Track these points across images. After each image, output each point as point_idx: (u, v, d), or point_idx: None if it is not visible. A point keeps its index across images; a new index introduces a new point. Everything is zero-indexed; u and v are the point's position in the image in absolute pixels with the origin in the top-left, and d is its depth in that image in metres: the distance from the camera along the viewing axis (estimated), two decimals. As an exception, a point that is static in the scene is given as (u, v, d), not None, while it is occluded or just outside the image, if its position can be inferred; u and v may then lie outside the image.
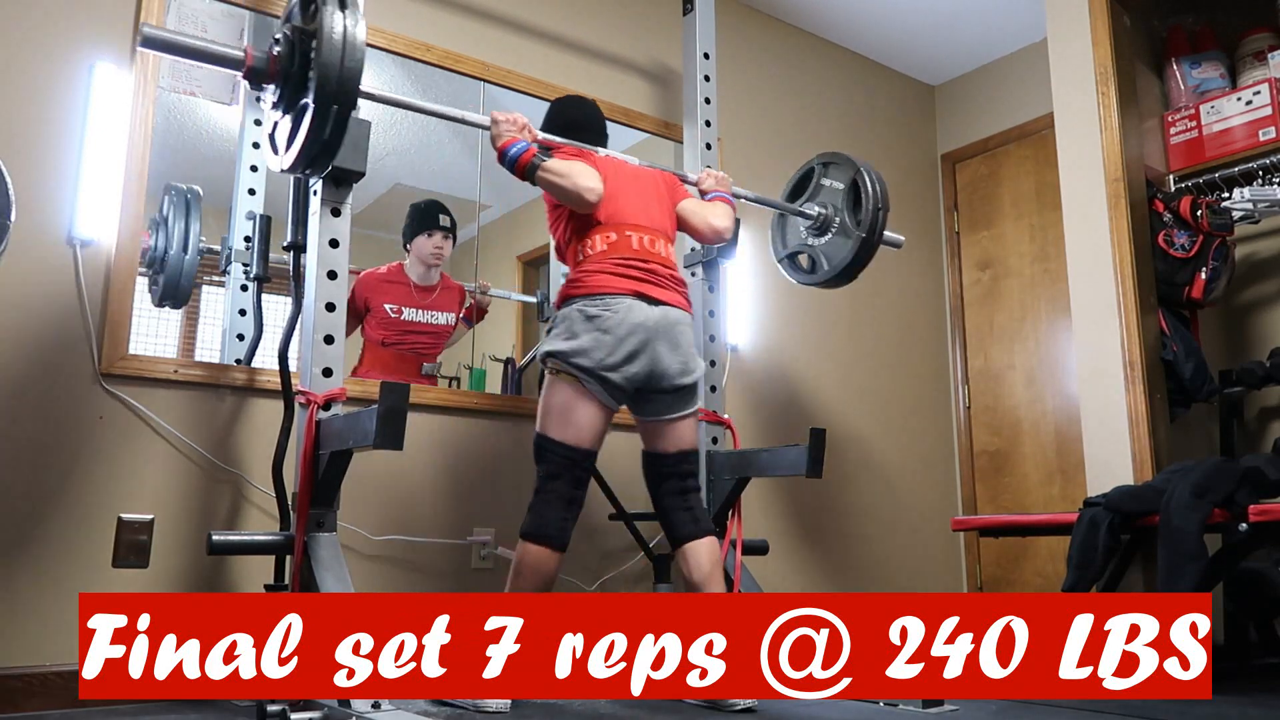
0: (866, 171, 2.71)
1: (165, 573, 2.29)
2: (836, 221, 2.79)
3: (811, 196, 2.88)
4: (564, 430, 2.17)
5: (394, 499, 2.66)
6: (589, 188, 2.23)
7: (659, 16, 3.50)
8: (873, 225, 2.68)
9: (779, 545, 3.40)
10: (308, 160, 1.87)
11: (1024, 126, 4.02)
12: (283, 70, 1.88)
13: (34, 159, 2.26)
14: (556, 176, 2.21)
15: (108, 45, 2.39)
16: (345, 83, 1.78)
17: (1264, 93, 2.99)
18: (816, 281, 2.88)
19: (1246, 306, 3.31)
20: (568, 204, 2.27)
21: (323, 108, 1.78)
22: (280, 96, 1.92)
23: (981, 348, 4.07)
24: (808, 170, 2.91)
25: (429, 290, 3.02)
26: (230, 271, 2.63)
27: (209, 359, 2.63)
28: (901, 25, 3.94)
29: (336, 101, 1.78)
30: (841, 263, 2.75)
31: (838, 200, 2.80)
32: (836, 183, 2.81)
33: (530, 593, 2.05)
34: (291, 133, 1.89)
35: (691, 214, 2.45)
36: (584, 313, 2.18)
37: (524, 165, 2.18)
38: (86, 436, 2.25)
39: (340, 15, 1.80)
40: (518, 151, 2.19)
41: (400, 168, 3.10)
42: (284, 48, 1.89)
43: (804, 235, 2.90)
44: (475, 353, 3.14)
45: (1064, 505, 3.63)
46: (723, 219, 2.46)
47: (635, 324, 2.17)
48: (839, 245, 2.78)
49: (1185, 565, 2.28)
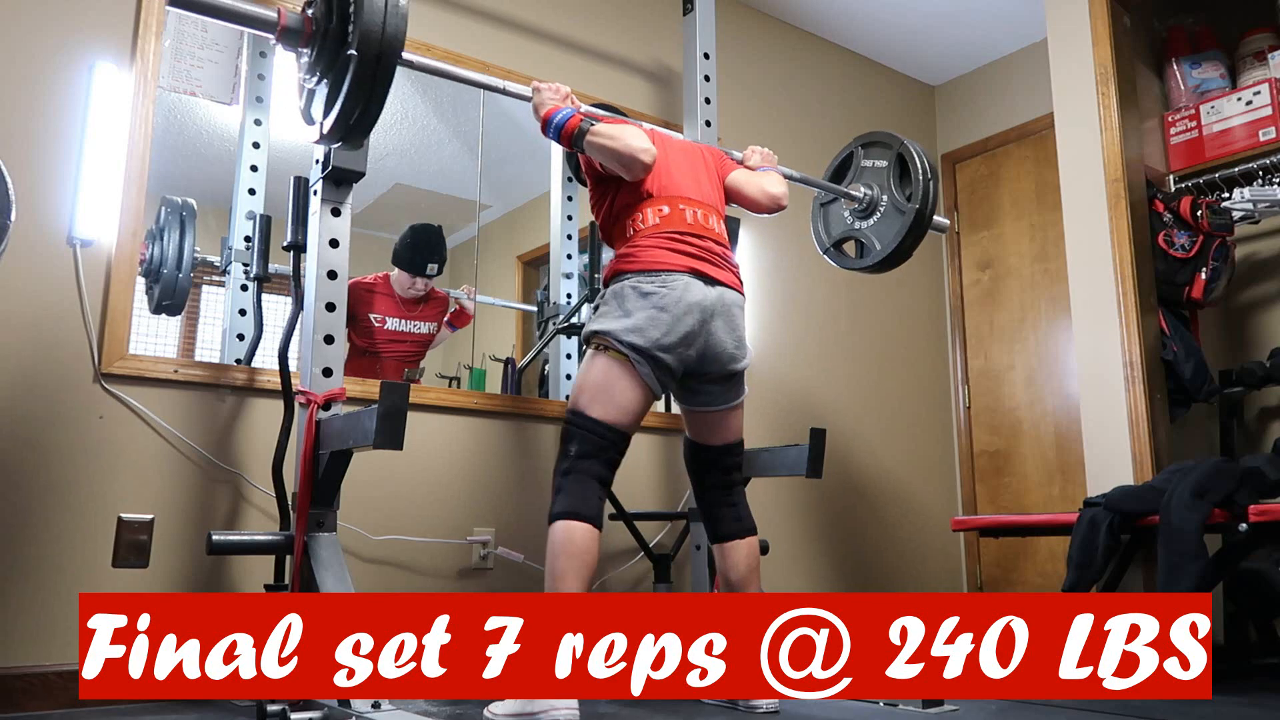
0: (910, 144, 2.65)
1: (165, 573, 2.29)
2: (884, 201, 2.69)
3: (854, 179, 2.80)
4: (604, 408, 2.03)
5: (394, 499, 2.66)
6: (643, 148, 2.12)
7: (659, 16, 3.50)
8: (925, 196, 2.60)
9: (779, 545, 3.39)
10: (347, 125, 1.76)
11: (1024, 126, 4.02)
12: (320, 29, 1.77)
13: (34, 159, 2.26)
14: (608, 139, 2.11)
15: (108, 45, 2.39)
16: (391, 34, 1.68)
17: (1264, 93, 2.99)
18: (867, 266, 2.77)
19: (1246, 306, 3.31)
20: (620, 169, 2.15)
21: (367, 62, 1.68)
22: (317, 58, 1.80)
23: (981, 348, 4.07)
24: (847, 154, 2.83)
25: (413, 302, 3.02)
26: (230, 271, 2.63)
27: (209, 359, 2.64)
28: (901, 25, 3.94)
29: (382, 56, 1.68)
30: (894, 241, 2.66)
31: (882, 179, 2.70)
32: (879, 161, 2.72)
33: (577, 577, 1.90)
34: (330, 97, 1.77)
35: (745, 184, 2.35)
36: (638, 289, 2.06)
37: (570, 131, 2.10)
38: (86, 436, 2.25)
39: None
40: (564, 118, 2.11)
41: (400, 168, 3.10)
42: (320, 5, 1.79)
43: (849, 220, 2.80)
44: (475, 353, 3.14)
45: (1064, 505, 3.63)
46: (778, 185, 2.36)
47: (692, 303, 2.06)
48: (889, 224, 2.68)
49: (1185, 565, 2.28)
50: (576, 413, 2.06)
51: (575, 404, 2.07)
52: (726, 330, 2.13)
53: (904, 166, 2.67)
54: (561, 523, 1.95)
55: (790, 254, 3.72)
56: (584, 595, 1.90)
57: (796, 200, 3.82)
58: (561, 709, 1.81)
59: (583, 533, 1.93)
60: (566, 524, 1.94)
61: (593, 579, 1.95)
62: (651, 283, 2.06)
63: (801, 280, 3.74)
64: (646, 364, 2.03)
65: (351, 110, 1.73)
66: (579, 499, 1.97)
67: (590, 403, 2.04)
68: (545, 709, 1.82)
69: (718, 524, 2.23)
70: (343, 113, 1.74)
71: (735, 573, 2.19)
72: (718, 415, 2.21)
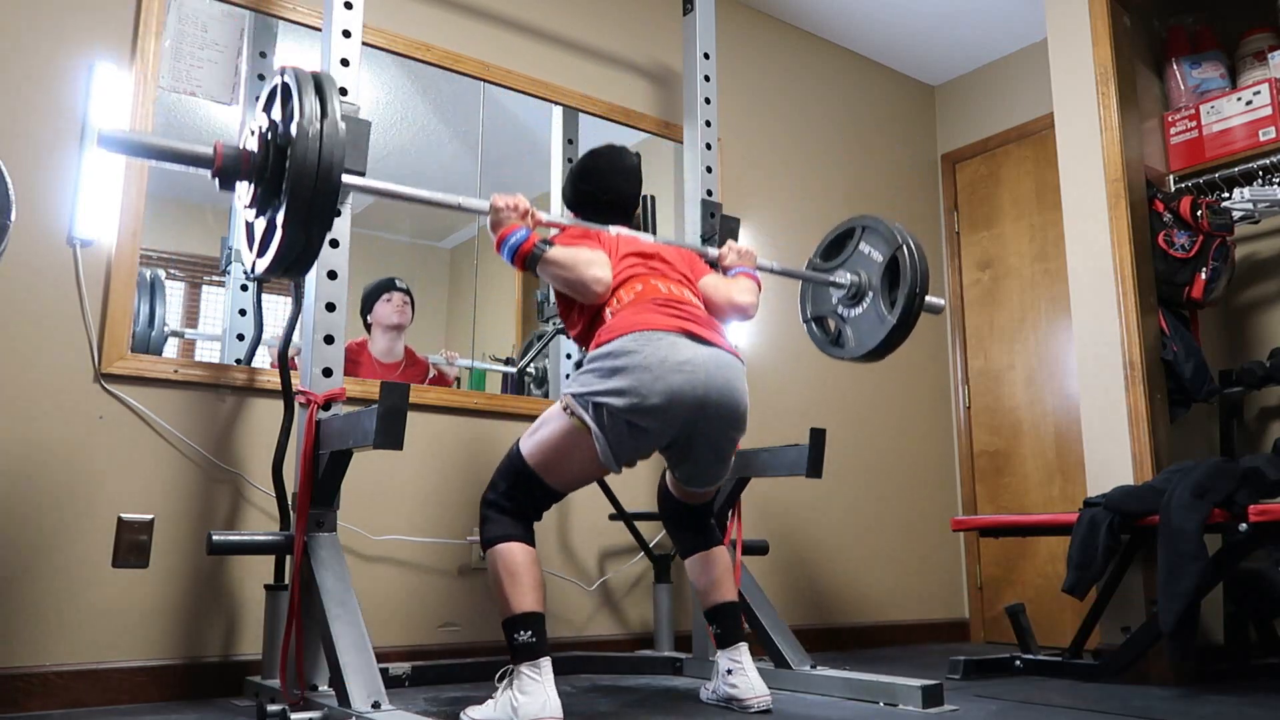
0: (908, 248, 2.49)
1: (165, 573, 2.29)
2: (869, 295, 2.57)
3: (849, 259, 2.65)
4: (550, 473, 1.99)
5: (394, 499, 2.66)
6: (595, 278, 2.03)
7: (659, 16, 3.50)
8: (906, 311, 2.46)
9: (778, 545, 3.39)
10: (284, 267, 1.68)
11: (1024, 126, 4.02)
12: (256, 169, 1.68)
13: (34, 159, 2.26)
14: (560, 268, 2.02)
15: (108, 45, 2.39)
16: (325, 173, 1.59)
17: (1264, 93, 2.99)
18: (840, 356, 2.66)
19: (1246, 306, 3.31)
20: (573, 296, 2.09)
21: (298, 216, 1.60)
22: (253, 198, 1.71)
23: (981, 348, 4.07)
24: (847, 230, 2.68)
25: (392, 367, 2.96)
26: (230, 271, 2.63)
27: (209, 359, 2.64)
28: (901, 25, 3.94)
29: (313, 210, 1.60)
30: (870, 344, 2.56)
31: (873, 272, 2.57)
32: (875, 252, 2.58)
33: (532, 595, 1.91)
34: (265, 236, 1.70)
35: (713, 289, 2.21)
36: (620, 350, 1.92)
37: (524, 255, 2.00)
38: (86, 436, 2.25)
39: (316, 100, 1.62)
40: (517, 241, 2.01)
41: (400, 168, 3.10)
42: (258, 143, 1.70)
43: (835, 301, 2.69)
44: (475, 353, 3.14)
45: (1064, 505, 3.63)
46: (745, 294, 2.24)
47: (680, 361, 1.92)
48: (870, 323, 2.57)
49: (1185, 565, 2.28)
50: (526, 463, 1.99)
51: (526, 450, 2.00)
52: (723, 393, 1.98)
53: (897, 269, 2.53)
54: (499, 545, 1.94)
55: (791, 254, 3.72)
56: None
57: (799, 199, 3.82)
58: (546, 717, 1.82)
59: (520, 550, 1.94)
60: (498, 548, 1.94)
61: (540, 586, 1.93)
62: (634, 341, 1.93)
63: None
64: (606, 440, 1.91)
65: (293, 245, 1.64)
66: (510, 526, 1.97)
67: (539, 462, 1.98)
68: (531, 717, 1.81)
69: (684, 542, 2.29)
70: (283, 248, 1.64)
71: (707, 576, 2.24)
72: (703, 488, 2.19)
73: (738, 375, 2.03)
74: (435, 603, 2.68)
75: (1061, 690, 2.46)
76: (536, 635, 1.87)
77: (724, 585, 2.24)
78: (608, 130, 3.31)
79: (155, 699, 2.21)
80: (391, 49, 2.85)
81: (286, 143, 1.62)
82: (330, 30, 2.24)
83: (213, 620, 2.34)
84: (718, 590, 2.23)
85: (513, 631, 1.88)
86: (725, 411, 2.00)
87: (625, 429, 1.91)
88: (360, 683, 1.77)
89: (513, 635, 1.88)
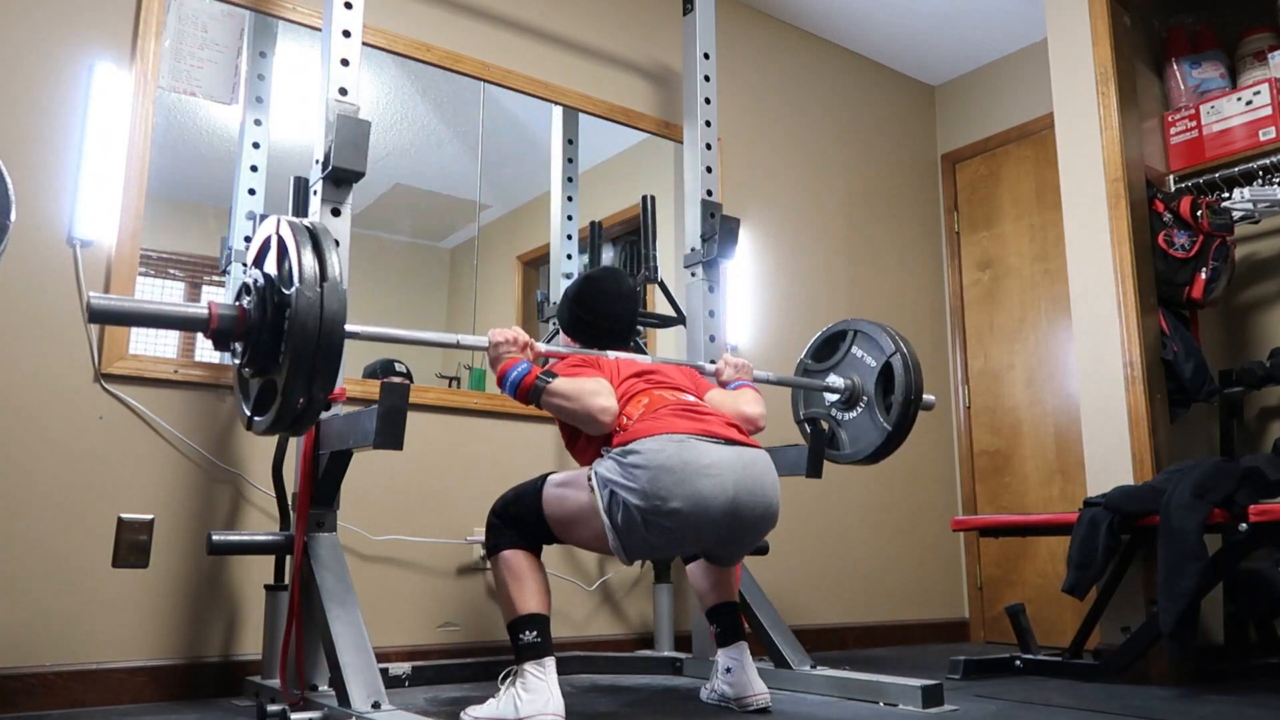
0: (902, 355, 2.51)
1: (165, 573, 2.29)
2: (864, 401, 2.58)
3: (842, 361, 2.67)
4: (559, 529, 1.99)
5: (394, 499, 2.66)
6: (602, 408, 1.97)
7: (659, 16, 3.50)
8: (902, 418, 2.48)
9: (779, 546, 3.39)
10: (285, 427, 1.67)
11: (1024, 126, 4.02)
12: (253, 329, 1.66)
13: (34, 159, 2.26)
14: (565, 400, 1.98)
15: (108, 45, 2.39)
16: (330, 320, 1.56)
17: (1264, 93, 2.99)
18: (836, 460, 2.65)
19: (1246, 306, 3.31)
20: (580, 428, 2.03)
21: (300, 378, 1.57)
22: (249, 360, 1.69)
23: (981, 348, 4.07)
24: (839, 332, 2.70)
25: None
26: (230, 271, 2.63)
27: (209, 359, 2.63)
28: (901, 25, 3.94)
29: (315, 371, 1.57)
30: (863, 450, 2.57)
31: (866, 377, 2.58)
32: (869, 358, 2.60)
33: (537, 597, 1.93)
34: (261, 400, 1.68)
35: (720, 405, 2.18)
36: (644, 448, 1.86)
37: (526, 390, 1.97)
38: (86, 436, 2.25)
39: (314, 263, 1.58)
40: (519, 376, 1.98)
41: (400, 167, 3.10)
42: (254, 304, 1.67)
43: (828, 405, 2.70)
44: (475, 353, 3.13)
45: (1064, 505, 3.63)
46: (754, 406, 2.22)
47: (706, 465, 1.86)
48: (864, 428, 2.56)
49: (1185, 565, 2.28)
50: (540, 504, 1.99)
51: (546, 497, 1.99)
52: (754, 493, 1.92)
53: (890, 375, 2.55)
54: (504, 552, 1.98)
55: (791, 253, 3.72)
56: None
57: (799, 199, 3.81)
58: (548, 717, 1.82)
59: (525, 556, 1.97)
60: (510, 551, 1.97)
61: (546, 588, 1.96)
62: (656, 442, 1.87)
63: (803, 280, 3.74)
64: (616, 533, 1.87)
65: (292, 404, 1.61)
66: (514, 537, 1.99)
67: (553, 517, 1.98)
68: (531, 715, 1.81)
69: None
70: (284, 407, 1.61)
71: (706, 582, 2.26)
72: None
73: (766, 470, 1.97)
74: (435, 603, 2.68)
75: (1061, 690, 2.46)
76: (542, 635, 1.89)
77: (726, 586, 2.26)
78: (608, 130, 3.31)
79: (155, 699, 2.21)
80: (391, 49, 2.85)
81: (285, 304, 1.60)
82: (330, 30, 2.24)
83: (213, 620, 2.34)
84: (719, 591, 2.25)
85: (518, 632, 1.90)
86: (759, 513, 1.94)
87: (642, 528, 1.86)
88: (360, 683, 1.77)
89: (518, 636, 1.89)
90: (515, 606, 1.92)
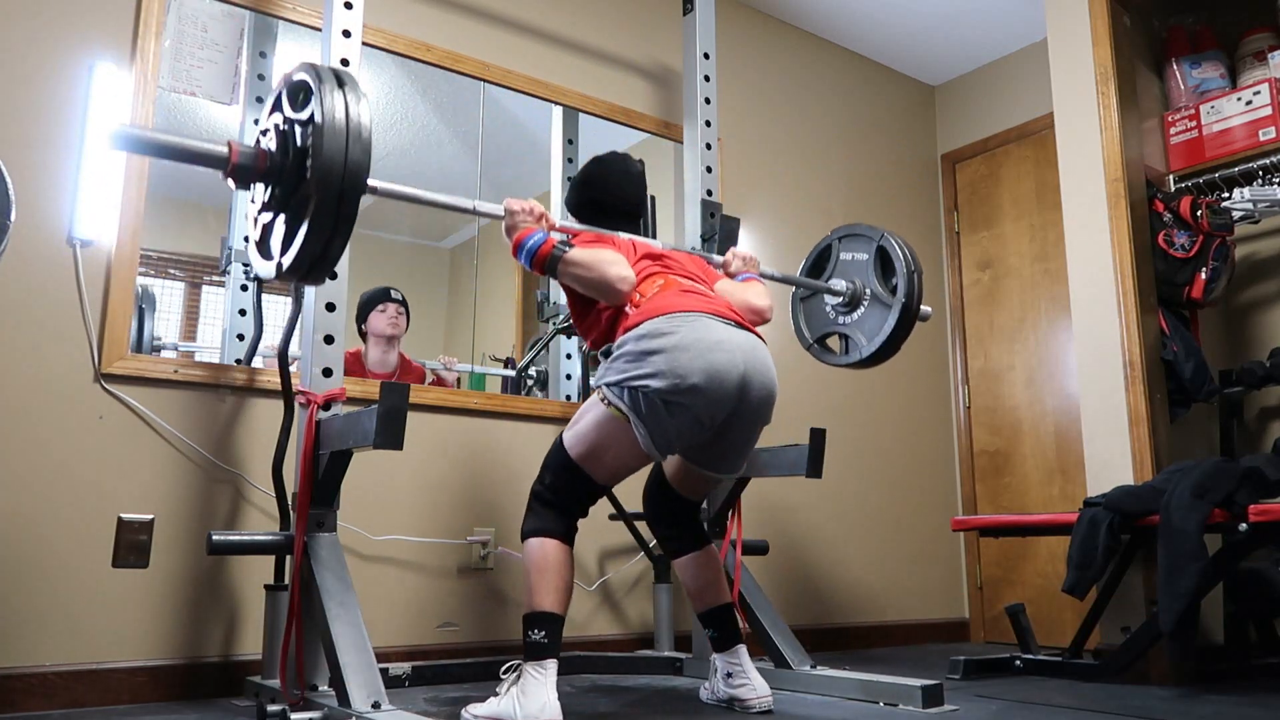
0: (891, 237, 2.53)
1: (165, 573, 2.29)
2: (867, 294, 2.57)
3: (832, 273, 2.67)
4: (593, 466, 1.98)
5: (394, 499, 2.66)
6: (620, 276, 2.00)
7: (659, 16, 3.50)
8: (910, 290, 2.48)
9: (779, 545, 3.40)
10: (302, 274, 1.63)
11: (1024, 126, 4.02)
12: (275, 166, 1.63)
13: (34, 159, 2.26)
14: (583, 269, 2.00)
15: (108, 45, 2.39)
16: (354, 168, 1.55)
17: (1264, 93, 2.99)
18: (853, 363, 2.62)
19: (1246, 306, 3.31)
20: (597, 297, 2.06)
21: (329, 201, 1.54)
22: (272, 196, 1.66)
23: (981, 348, 4.07)
24: (825, 246, 2.71)
25: (386, 377, 2.95)
26: (230, 271, 2.63)
27: (209, 359, 2.64)
28: (901, 25, 3.94)
29: (344, 193, 1.55)
30: (881, 336, 2.53)
31: (863, 272, 2.59)
32: (859, 254, 2.61)
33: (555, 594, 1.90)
34: (288, 234, 1.64)
35: (728, 295, 2.20)
36: (653, 332, 1.90)
37: (543, 259, 1.98)
38: (86, 436, 2.25)
39: (340, 96, 1.57)
40: (535, 244, 1.99)
41: (400, 168, 3.10)
42: (275, 140, 1.66)
43: (832, 315, 2.67)
44: (475, 353, 3.14)
45: (1064, 505, 3.63)
46: (762, 299, 2.26)
47: (716, 340, 1.91)
48: (875, 318, 2.56)
49: (1185, 565, 2.28)
50: (565, 452, 2.00)
51: (568, 441, 2.00)
52: (762, 375, 1.98)
53: (885, 258, 2.56)
54: (531, 540, 1.96)
55: (792, 253, 3.72)
56: None
57: (799, 199, 3.82)
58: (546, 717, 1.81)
59: (554, 548, 1.94)
60: (535, 540, 1.95)
61: (568, 587, 1.95)
62: (668, 323, 1.92)
63: (801, 280, 3.74)
64: (646, 428, 1.89)
65: (314, 249, 1.59)
66: (551, 521, 1.98)
67: (580, 453, 1.98)
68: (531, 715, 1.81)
69: (674, 542, 2.25)
70: (303, 252, 1.59)
71: (699, 580, 2.22)
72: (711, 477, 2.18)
73: (768, 356, 2.04)
74: (435, 603, 2.68)
75: (1061, 690, 2.46)
76: (549, 637, 1.88)
77: (718, 587, 2.21)
78: (608, 130, 3.31)
79: (155, 699, 2.21)
80: (391, 49, 2.85)
81: (309, 144, 1.58)
82: (330, 30, 2.24)
83: (213, 620, 2.34)
84: (712, 593, 2.21)
85: (529, 628, 1.89)
86: (764, 394, 2.00)
87: (664, 411, 1.88)
88: (360, 683, 1.77)
89: (528, 631, 1.89)
90: (531, 600, 1.91)
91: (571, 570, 1.96)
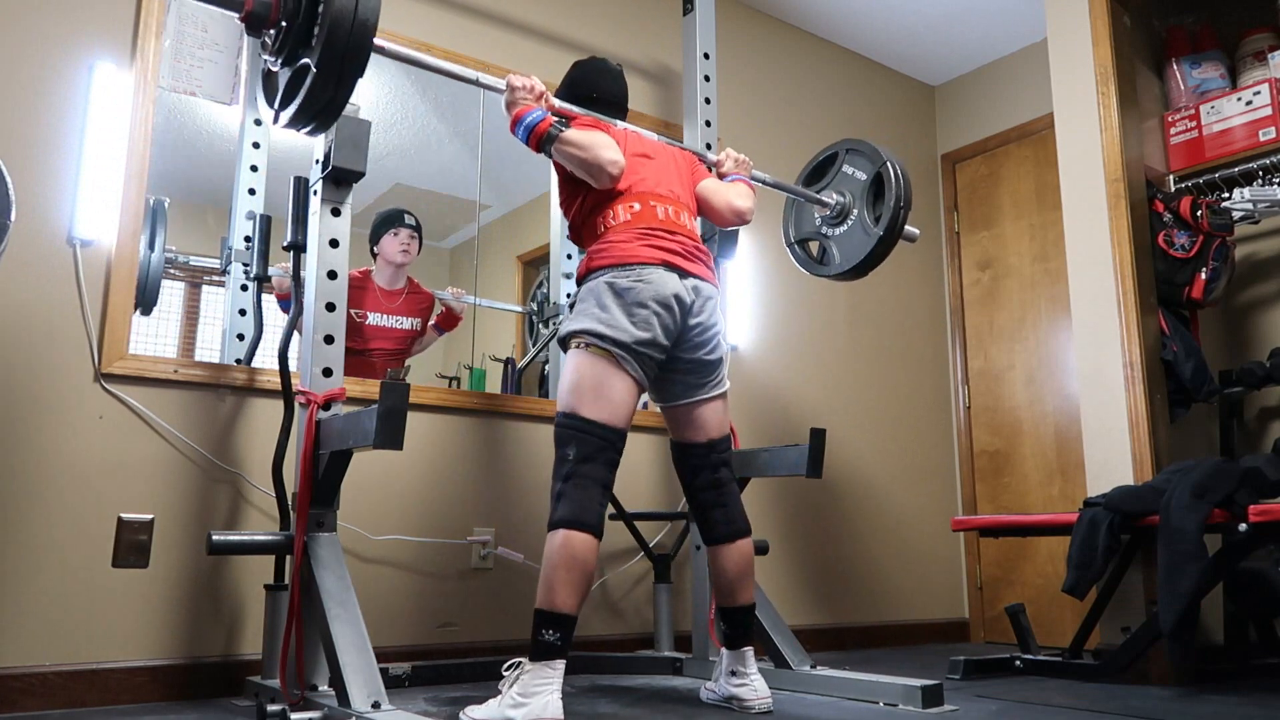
0: (892, 165, 2.59)
1: (165, 573, 2.29)
2: (854, 213, 2.66)
3: (831, 182, 2.75)
4: (597, 407, 2.00)
5: (394, 499, 2.66)
6: (612, 160, 2.12)
7: (659, 16, 3.50)
8: (892, 223, 2.56)
9: (779, 545, 3.40)
10: (309, 118, 1.71)
11: (1024, 126, 4.02)
12: (288, 12, 1.69)
13: (34, 159, 2.26)
14: (576, 149, 2.10)
15: (108, 45, 2.39)
16: (362, 21, 1.61)
17: (1264, 93, 2.99)
18: (825, 273, 2.77)
19: (1246, 306, 3.31)
20: (587, 178, 2.15)
21: (336, 50, 1.60)
22: (283, 43, 1.71)
23: (981, 348, 4.07)
24: (830, 154, 2.79)
25: (395, 294, 2.99)
26: (230, 271, 2.63)
27: (209, 359, 2.63)
28: (901, 25, 3.94)
29: (351, 45, 1.60)
30: (854, 259, 2.65)
31: (857, 191, 2.66)
32: (859, 172, 2.68)
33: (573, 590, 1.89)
34: (291, 87, 1.71)
35: (712, 194, 2.34)
36: (614, 285, 2.06)
37: (539, 135, 2.07)
38: (86, 436, 2.25)
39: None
40: (533, 120, 2.07)
41: (400, 167, 3.10)
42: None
43: (818, 223, 2.79)
44: (475, 353, 3.14)
45: (1064, 505, 3.63)
46: (744, 199, 2.36)
47: (668, 295, 2.07)
48: (854, 239, 2.66)
49: (1185, 565, 2.28)
50: (569, 415, 2.02)
51: (566, 406, 2.03)
52: (702, 320, 2.15)
53: (881, 185, 2.62)
54: (561, 531, 1.92)
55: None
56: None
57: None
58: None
59: (582, 542, 1.91)
60: (566, 533, 1.91)
61: (589, 588, 1.94)
62: (626, 277, 2.07)
63: (802, 279, 3.73)
64: (631, 359, 2.03)
65: (318, 98, 1.66)
66: (581, 506, 1.94)
67: (581, 403, 2.01)
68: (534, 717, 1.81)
69: (709, 528, 2.21)
70: (307, 100, 1.66)
71: (726, 576, 2.19)
72: (697, 408, 2.20)
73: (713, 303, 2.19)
74: (435, 603, 2.68)
75: (1061, 690, 2.46)
76: (562, 639, 1.87)
77: (744, 586, 2.19)
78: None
79: (155, 699, 2.21)
80: (391, 49, 2.85)
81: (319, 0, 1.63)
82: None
83: (213, 620, 2.34)
84: (737, 591, 2.18)
85: (541, 626, 1.87)
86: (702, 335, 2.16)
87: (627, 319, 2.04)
88: (360, 683, 1.77)
89: (539, 630, 1.87)
90: (548, 597, 1.89)
91: (594, 567, 1.93)
